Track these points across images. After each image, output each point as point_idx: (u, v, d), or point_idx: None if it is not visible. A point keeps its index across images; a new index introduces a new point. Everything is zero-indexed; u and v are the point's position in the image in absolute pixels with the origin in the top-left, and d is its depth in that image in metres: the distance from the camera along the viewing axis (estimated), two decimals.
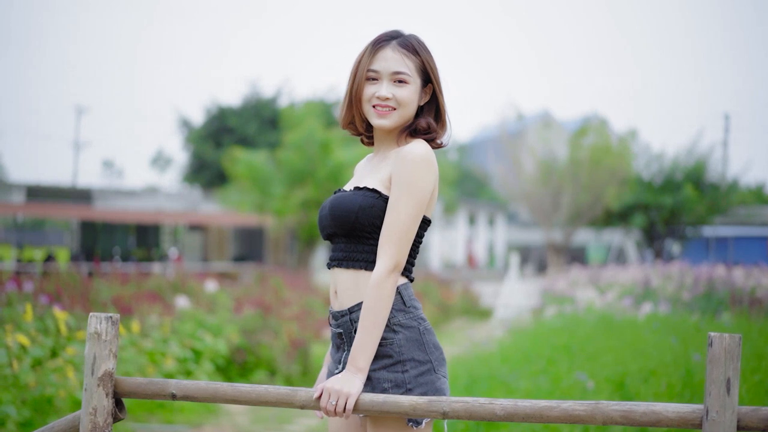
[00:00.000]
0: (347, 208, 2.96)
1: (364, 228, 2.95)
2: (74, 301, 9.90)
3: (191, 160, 42.24)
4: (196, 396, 2.74)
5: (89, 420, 2.68)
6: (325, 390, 2.76)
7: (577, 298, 17.43)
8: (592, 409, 2.47)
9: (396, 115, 3.02)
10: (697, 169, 36.36)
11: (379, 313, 2.82)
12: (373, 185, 2.99)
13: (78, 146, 55.26)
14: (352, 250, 2.99)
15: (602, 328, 11.27)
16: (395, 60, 3.00)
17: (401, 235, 2.88)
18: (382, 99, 3.01)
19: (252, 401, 2.74)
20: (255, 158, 28.04)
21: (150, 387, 2.78)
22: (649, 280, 18.73)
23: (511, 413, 2.54)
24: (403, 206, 2.88)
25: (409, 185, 2.89)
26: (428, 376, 2.89)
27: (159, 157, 77.15)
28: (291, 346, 10.90)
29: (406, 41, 3.04)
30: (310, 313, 13.62)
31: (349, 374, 2.78)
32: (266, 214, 28.56)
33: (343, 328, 2.99)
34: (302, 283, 19.08)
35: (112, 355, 2.74)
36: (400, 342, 2.89)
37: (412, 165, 2.90)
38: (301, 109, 30.34)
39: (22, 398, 6.50)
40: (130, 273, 17.29)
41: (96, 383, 2.72)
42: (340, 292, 3.02)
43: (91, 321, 2.76)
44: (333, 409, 2.74)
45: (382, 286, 2.83)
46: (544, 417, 2.51)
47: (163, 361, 8.68)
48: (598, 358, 8.38)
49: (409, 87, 3.01)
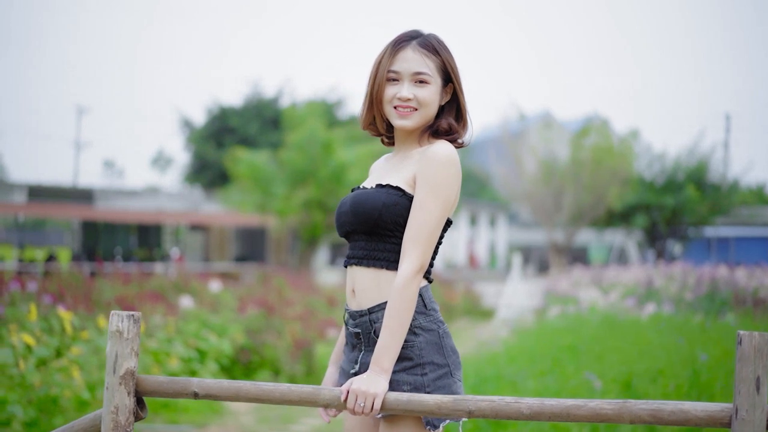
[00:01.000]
0: (371, 205, 2.93)
1: (386, 226, 2.92)
2: (77, 301, 9.88)
3: (192, 160, 42.23)
4: (219, 395, 2.71)
5: (111, 419, 2.65)
6: (351, 391, 2.74)
7: (580, 299, 17.41)
8: (619, 408, 2.45)
9: (417, 116, 3.00)
10: (698, 169, 36.34)
11: (405, 315, 2.80)
12: (397, 183, 2.96)
13: (79, 146, 55.25)
14: (373, 248, 2.96)
15: (607, 328, 11.25)
16: (416, 60, 2.98)
17: (427, 236, 2.86)
18: (403, 100, 2.99)
19: (275, 400, 2.71)
20: (257, 158, 28.02)
21: (172, 386, 2.75)
22: (651, 281, 18.71)
23: (537, 412, 2.52)
24: (430, 207, 2.86)
25: (436, 186, 2.87)
26: (446, 380, 2.88)
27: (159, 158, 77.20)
28: (295, 346, 10.87)
29: (426, 41, 3.02)
30: (314, 313, 13.60)
31: (374, 374, 2.76)
32: (268, 214, 28.54)
33: (361, 328, 2.97)
34: (304, 283, 19.06)
35: (133, 353, 2.71)
36: (421, 345, 2.87)
37: (439, 166, 2.88)
38: (303, 109, 30.31)
39: (28, 398, 6.47)
40: (132, 273, 17.28)
41: (118, 382, 2.69)
42: (359, 292, 2.99)
43: (112, 319, 2.73)
44: (361, 410, 2.72)
45: (409, 287, 2.81)
46: (572, 416, 2.48)
47: (167, 361, 8.65)
48: (604, 358, 8.36)
49: (430, 87, 2.99)
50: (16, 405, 6.13)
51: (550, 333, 11.48)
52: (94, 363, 7.58)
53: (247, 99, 41.95)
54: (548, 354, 8.99)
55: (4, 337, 7.13)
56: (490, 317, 21.74)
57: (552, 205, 32.38)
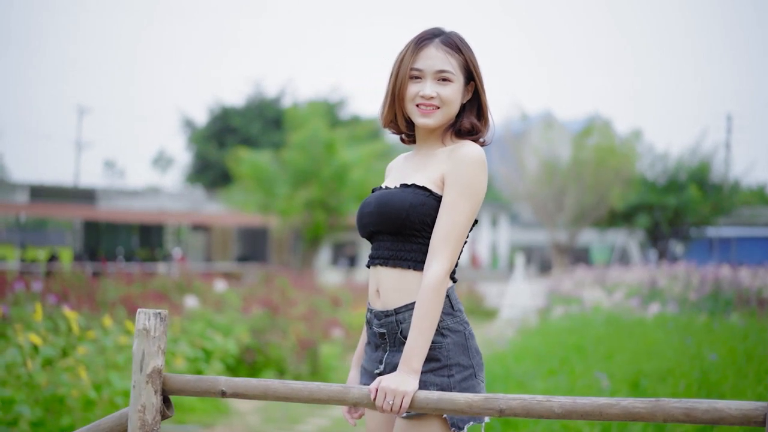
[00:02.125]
0: (397, 206, 2.91)
1: (413, 226, 2.90)
2: (81, 301, 9.87)
3: (194, 160, 42.24)
4: (247, 393, 2.68)
5: (138, 417, 2.63)
6: (380, 389, 2.72)
7: (584, 299, 17.39)
8: (652, 406, 2.42)
9: (440, 114, 2.98)
10: (701, 169, 36.34)
11: (435, 316, 2.79)
12: (423, 183, 2.94)
13: (80, 146, 55.23)
14: (399, 248, 2.94)
15: (613, 328, 11.23)
16: (439, 58, 2.96)
17: (457, 237, 2.85)
18: (426, 98, 2.97)
19: (303, 399, 2.68)
20: (259, 158, 28.02)
21: (199, 384, 2.72)
22: (655, 281, 18.69)
23: (569, 410, 2.50)
24: (461, 208, 2.85)
25: (468, 188, 2.86)
26: (470, 381, 2.88)
27: (160, 158, 77.21)
28: (299, 346, 10.86)
29: (449, 39, 3.00)
30: (318, 313, 13.58)
31: (404, 374, 2.74)
32: (270, 214, 28.53)
33: (386, 329, 2.95)
34: (307, 283, 19.05)
35: (160, 351, 2.69)
36: (449, 346, 2.86)
37: (470, 168, 2.87)
38: (305, 109, 30.31)
39: (35, 398, 6.45)
40: (135, 273, 17.26)
41: (145, 380, 2.67)
42: (384, 292, 2.97)
43: (139, 317, 2.71)
44: (389, 407, 2.70)
45: (440, 288, 2.79)
46: (604, 414, 2.45)
47: (173, 361, 8.63)
48: (612, 358, 8.34)
49: (453, 85, 2.97)
50: (24, 405, 6.11)
51: (556, 333, 11.46)
52: (100, 363, 7.56)
53: (249, 99, 41.95)
54: (555, 354, 8.97)
55: (10, 337, 7.12)
56: (493, 317, 21.71)
57: (554, 205, 32.38)
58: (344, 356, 12.95)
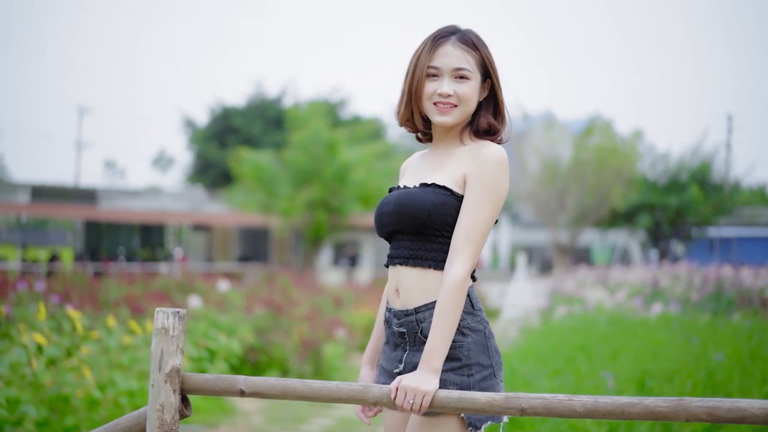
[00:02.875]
0: (418, 205, 2.90)
1: (434, 225, 2.90)
2: (83, 301, 9.85)
3: (195, 160, 42.22)
4: (266, 392, 2.67)
5: (157, 417, 2.61)
6: (401, 388, 2.71)
7: (586, 299, 17.37)
8: (675, 405, 2.41)
9: (457, 112, 2.98)
10: (702, 169, 36.35)
11: (457, 315, 2.79)
12: (443, 182, 2.94)
13: (80, 146, 55.22)
14: (419, 248, 2.93)
15: (617, 328, 11.22)
16: (456, 56, 2.95)
17: (479, 238, 2.85)
18: (443, 96, 2.96)
19: (323, 398, 2.67)
20: (261, 158, 28.01)
21: (218, 383, 2.71)
22: (657, 281, 18.70)
23: (591, 409, 2.48)
24: (483, 209, 2.85)
25: (490, 189, 2.87)
26: (489, 381, 2.88)
27: (161, 158, 77.17)
28: (302, 346, 10.85)
29: (465, 36, 2.99)
30: (320, 313, 13.57)
31: (424, 373, 2.74)
32: (272, 214, 28.53)
33: (406, 328, 2.95)
34: (309, 283, 19.04)
35: (179, 350, 2.68)
36: (469, 345, 2.87)
37: (493, 168, 2.89)
38: (306, 109, 30.30)
39: (40, 398, 6.44)
40: (136, 273, 17.24)
41: (164, 379, 2.65)
42: (403, 291, 2.96)
43: (158, 316, 2.70)
44: (410, 406, 2.70)
45: (462, 288, 2.80)
46: (626, 414, 2.44)
47: None
48: (617, 358, 8.33)
49: (470, 83, 2.96)
50: (29, 404, 6.10)
51: (559, 333, 11.45)
52: (104, 362, 7.56)
53: (250, 99, 41.93)
54: (559, 354, 8.96)
55: (14, 337, 7.10)
56: (494, 317, 21.70)
57: (555, 206, 32.37)
58: (347, 356, 12.94)
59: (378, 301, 16.88)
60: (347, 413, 8.85)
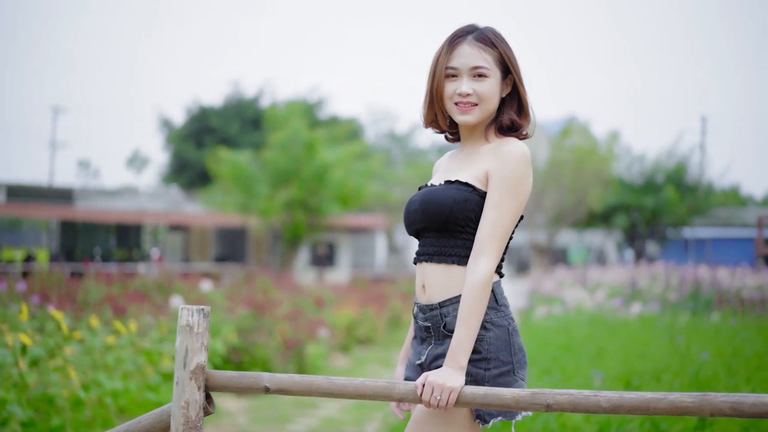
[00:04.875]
0: (441, 202, 2.94)
1: (457, 222, 2.93)
2: (63, 302, 9.78)
3: (172, 160, 42.06)
4: (291, 389, 2.66)
5: (182, 414, 2.60)
6: (428, 384, 2.72)
7: (566, 299, 17.45)
8: (699, 400, 2.42)
9: (478, 110, 3.00)
10: (677, 170, 36.63)
11: (481, 313, 2.81)
12: (466, 179, 2.96)
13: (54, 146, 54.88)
14: (443, 244, 2.97)
15: (598, 328, 11.27)
16: (473, 55, 2.97)
17: (502, 235, 2.89)
18: (463, 95, 2.99)
19: (349, 394, 2.67)
20: (239, 158, 27.94)
21: (243, 380, 2.70)
22: (635, 281, 18.81)
23: (616, 405, 2.49)
24: (507, 206, 2.88)
25: (514, 186, 2.89)
26: (506, 378, 2.89)
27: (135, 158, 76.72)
28: (285, 346, 10.84)
29: (482, 34, 3.01)
30: (302, 313, 13.54)
31: (450, 370, 2.75)
32: (250, 214, 28.47)
33: (431, 322, 2.98)
34: (289, 283, 19.00)
35: (204, 347, 2.68)
36: (490, 340, 2.89)
37: (515, 165, 2.90)
38: (284, 109, 30.27)
39: (26, 398, 6.39)
40: (113, 273, 17.13)
41: (188, 376, 2.65)
42: (429, 287, 3.00)
43: (182, 313, 2.70)
44: (437, 402, 2.71)
45: (486, 286, 2.82)
46: (651, 409, 2.45)
47: (161, 361, 8.58)
48: (601, 358, 8.36)
49: (489, 80, 2.98)
50: (15, 405, 6.05)
51: (542, 333, 11.49)
52: (87, 363, 7.51)
53: (227, 99, 41.83)
54: (544, 354, 8.98)
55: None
56: None
57: (533, 206, 32.51)
58: (330, 356, 12.93)
59: (359, 301, 16.89)
60: (331, 413, 8.85)
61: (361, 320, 15.52)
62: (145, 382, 8.13)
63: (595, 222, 37.39)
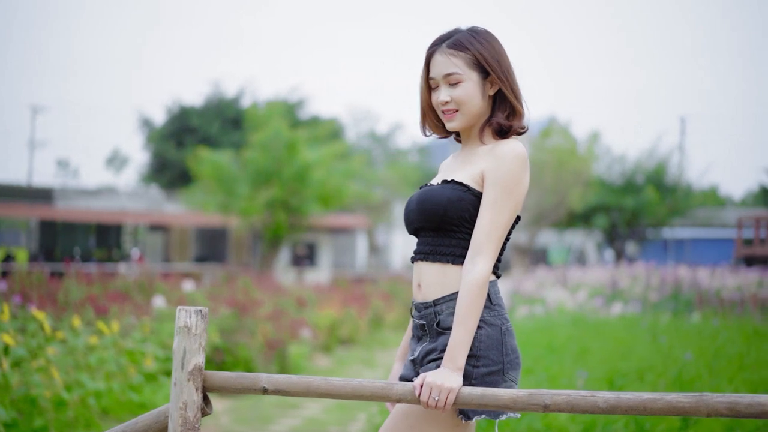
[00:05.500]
0: (436, 201, 2.98)
1: (452, 221, 2.96)
2: (44, 302, 9.72)
3: (152, 159, 41.92)
4: (289, 390, 2.66)
5: (179, 415, 2.61)
6: (426, 385, 2.74)
7: (547, 299, 17.50)
8: (696, 401, 2.44)
9: (460, 116, 3.06)
10: (657, 171, 36.82)
11: (477, 313, 2.83)
12: (461, 179, 3.00)
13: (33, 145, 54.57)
14: (439, 243, 3.00)
15: (581, 328, 11.31)
16: (444, 63, 3.03)
17: (499, 235, 2.90)
18: (443, 104, 3.06)
19: (346, 395, 2.67)
20: (220, 158, 27.88)
21: (240, 381, 2.71)
22: (616, 281, 18.89)
23: (614, 405, 2.51)
24: (502, 206, 2.90)
25: (507, 185, 2.91)
26: (495, 377, 2.90)
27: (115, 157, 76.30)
28: (267, 346, 10.82)
29: (454, 40, 3.06)
30: (284, 313, 13.52)
31: (448, 370, 2.77)
32: (231, 214, 28.41)
33: (426, 320, 3.00)
34: (270, 283, 18.95)
35: (201, 348, 2.69)
36: (481, 338, 2.90)
37: (510, 165, 2.93)
38: (265, 109, 30.23)
39: (8, 399, 6.35)
40: (94, 273, 17.05)
41: (186, 377, 2.65)
42: (425, 285, 3.03)
43: (180, 314, 2.71)
44: (434, 403, 2.72)
45: (482, 287, 2.84)
46: (648, 410, 2.46)
47: (143, 361, 8.55)
48: (585, 358, 8.40)
49: (464, 84, 3.02)
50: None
51: (524, 333, 11.51)
52: (70, 363, 7.47)
53: (207, 99, 41.71)
54: (527, 354, 9.00)
55: None
56: None
57: None
58: (312, 356, 12.92)
59: (341, 301, 16.88)
60: (314, 413, 8.85)
61: (343, 320, 15.51)
62: (127, 382, 8.11)
63: (575, 222, 37.55)
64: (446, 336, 2.92)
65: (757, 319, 12.00)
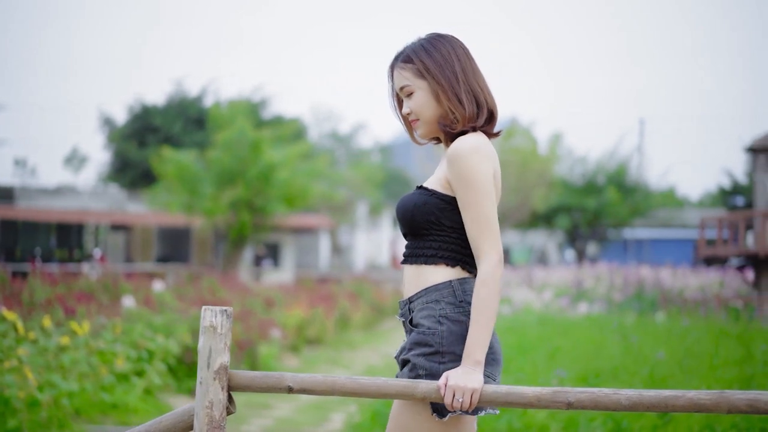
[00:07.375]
0: (405, 207, 3.10)
1: (420, 225, 3.05)
2: (9, 302, 9.62)
3: (113, 159, 41.54)
4: (314, 389, 2.69)
5: (205, 414, 2.63)
6: (449, 387, 2.79)
7: (513, 299, 17.62)
8: (717, 398, 2.50)
9: (421, 124, 3.15)
10: (618, 172, 37.16)
11: (491, 309, 2.89)
12: (429, 184, 3.11)
13: None
14: (415, 246, 3.10)
15: (549, 328, 11.39)
16: (398, 77, 3.16)
17: (490, 227, 2.95)
18: (406, 116, 3.19)
19: (371, 394, 2.70)
20: (184, 158, 27.71)
21: (266, 380, 2.74)
22: (581, 281, 19.04)
23: (636, 403, 2.55)
24: (475, 202, 2.96)
25: (469, 180, 2.96)
26: None
27: (74, 156, 75.48)
28: (237, 346, 10.79)
29: (404, 53, 3.16)
30: (252, 313, 13.48)
31: (469, 368, 2.83)
32: (195, 214, 28.26)
33: (405, 317, 3.11)
34: (235, 283, 18.88)
35: (226, 348, 2.72)
36: (443, 334, 2.94)
37: (461, 161, 2.98)
38: (228, 108, 30.09)
39: None
40: (56, 273, 16.87)
41: (212, 377, 2.68)
42: (405, 285, 3.14)
43: (205, 314, 2.74)
44: (459, 405, 2.78)
45: (489, 283, 2.89)
46: (669, 406, 2.51)
47: (115, 361, 8.50)
48: (556, 357, 8.46)
49: (416, 94, 3.11)
50: None
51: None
52: (42, 363, 7.41)
53: (170, 98, 41.41)
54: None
55: None
56: None
57: None
58: (282, 356, 12.90)
59: (308, 301, 16.85)
60: (285, 413, 8.85)
61: (311, 320, 15.50)
62: (99, 382, 8.06)
63: (537, 223, 37.81)
64: (415, 333, 2.98)
65: (722, 319, 12.16)
